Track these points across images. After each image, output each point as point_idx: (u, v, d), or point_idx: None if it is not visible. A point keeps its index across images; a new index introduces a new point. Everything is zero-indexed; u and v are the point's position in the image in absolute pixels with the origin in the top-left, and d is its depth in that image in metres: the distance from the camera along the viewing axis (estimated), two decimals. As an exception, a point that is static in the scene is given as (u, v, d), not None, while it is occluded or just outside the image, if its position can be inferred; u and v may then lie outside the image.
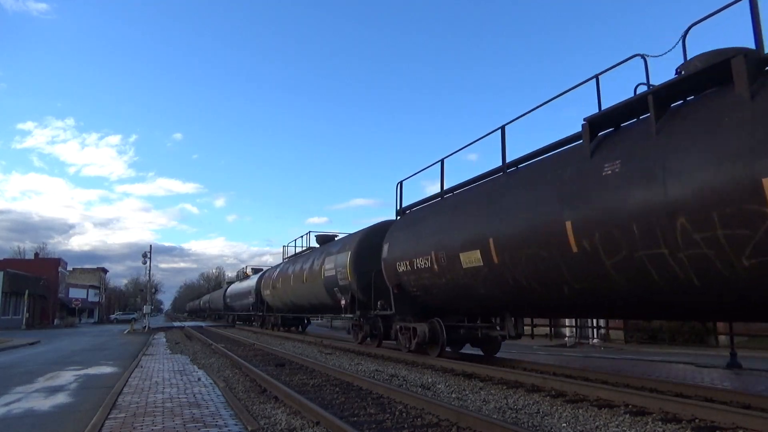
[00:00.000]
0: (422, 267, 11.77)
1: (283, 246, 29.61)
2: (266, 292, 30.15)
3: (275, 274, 28.13)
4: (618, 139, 7.36)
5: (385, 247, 13.96)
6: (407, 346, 13.06)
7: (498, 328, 11.64)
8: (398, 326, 13.66)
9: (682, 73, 6.89)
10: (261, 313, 33.56)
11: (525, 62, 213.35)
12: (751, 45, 6.07)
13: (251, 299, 35.52)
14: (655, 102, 6.72)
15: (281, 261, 29.89)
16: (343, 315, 17.92)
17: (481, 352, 13.22)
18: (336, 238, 22.09)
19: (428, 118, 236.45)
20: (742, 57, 5.81)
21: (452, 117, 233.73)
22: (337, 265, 17.71)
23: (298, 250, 27.94)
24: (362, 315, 16.27)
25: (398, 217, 14.73)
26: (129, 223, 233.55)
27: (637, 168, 6.58)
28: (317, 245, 23.46)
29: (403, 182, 14.57)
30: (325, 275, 18.66)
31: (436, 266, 11.17)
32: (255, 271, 41.81)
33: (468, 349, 13.64)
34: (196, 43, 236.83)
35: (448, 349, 12.72)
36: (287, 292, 24.80)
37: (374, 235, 16.31)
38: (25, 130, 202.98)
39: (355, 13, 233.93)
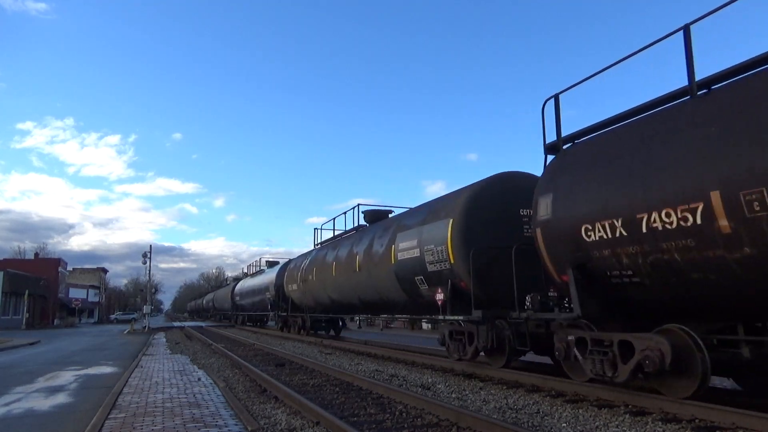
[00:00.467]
0: (663, 228, 6.22)
1: (316, 229, 22.91)
2: (291, 287, 23.95)
3: (305, 263, 21.96)
4: None
5: (544, 203, 8.46)
6: (605, 374, 7.29)
7: None
8: (572, 338, 7.94)
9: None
10: (284, 314, 26.68)
11: (525, 62, 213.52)
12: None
13: (269, 296, 29.06)
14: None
15: (312, 248, 23.17)
16: (441, 317, 11.40)
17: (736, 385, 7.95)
18: (391, 215, 16.87)
19: (428, 118, 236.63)
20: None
21: (452, 117, 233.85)
22: (423, 242, 11.78)
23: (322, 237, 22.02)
24: (485, 317, 10.02)
25: (550, 157, 9.02)
26: (128, 223, 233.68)
27: None
28: (366, 224, 17.94)
29: (561, 96, 8.70)
30: (399, 258, 12.92)
31: (720, 223, 5.58)
32: (270, 264, 34.69)
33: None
34: (195, 42, 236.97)
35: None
36: (325, 286, 19.07)
37: (497, 192, 10.69)
38: (24, 130, 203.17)
39: (355, 13, 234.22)
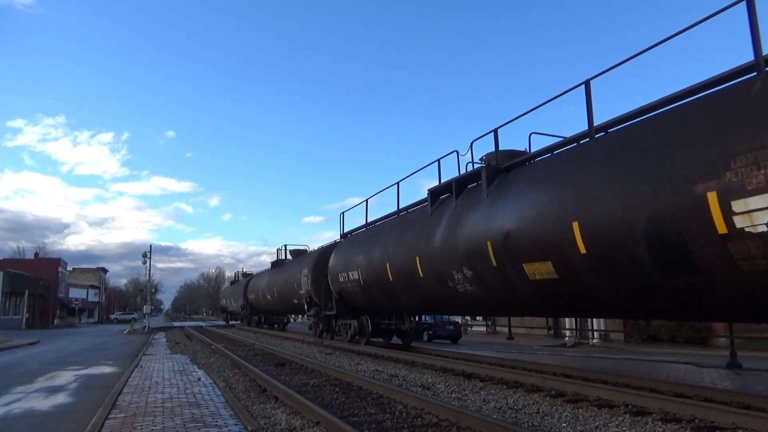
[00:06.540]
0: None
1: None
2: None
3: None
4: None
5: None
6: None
7: None
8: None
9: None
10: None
11: (519, 64, 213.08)
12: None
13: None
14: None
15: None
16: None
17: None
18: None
19: (424, 118, 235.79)
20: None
21: (448, 118, 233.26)
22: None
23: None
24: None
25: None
26: (124, 222, 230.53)
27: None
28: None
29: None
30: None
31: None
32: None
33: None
34: (186, 39, 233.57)
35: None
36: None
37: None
38: (15, 128, 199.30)
39: (352, 13, 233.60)
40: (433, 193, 12.10)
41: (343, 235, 18.22)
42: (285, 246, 29.45)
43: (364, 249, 15.15)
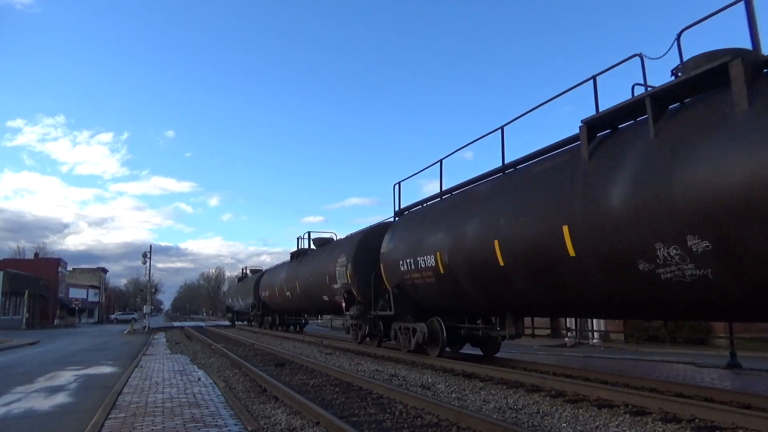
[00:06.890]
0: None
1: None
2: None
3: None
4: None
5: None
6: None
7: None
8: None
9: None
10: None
11: (519, 64, 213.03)
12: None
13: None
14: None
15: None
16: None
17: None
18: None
19: (424, 118, 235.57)
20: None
21: (448, 118, 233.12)
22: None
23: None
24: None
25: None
26: (124, 222, 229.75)
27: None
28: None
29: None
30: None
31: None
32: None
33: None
34: (186, 39, 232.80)
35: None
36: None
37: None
38: (15, 128, 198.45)
39: (352, 13, 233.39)
40: (591, 126, 7.78)
41: (399, 212, 14.86)
42: (308, 233, 24.17)
43: (446, 224, 11.02)
